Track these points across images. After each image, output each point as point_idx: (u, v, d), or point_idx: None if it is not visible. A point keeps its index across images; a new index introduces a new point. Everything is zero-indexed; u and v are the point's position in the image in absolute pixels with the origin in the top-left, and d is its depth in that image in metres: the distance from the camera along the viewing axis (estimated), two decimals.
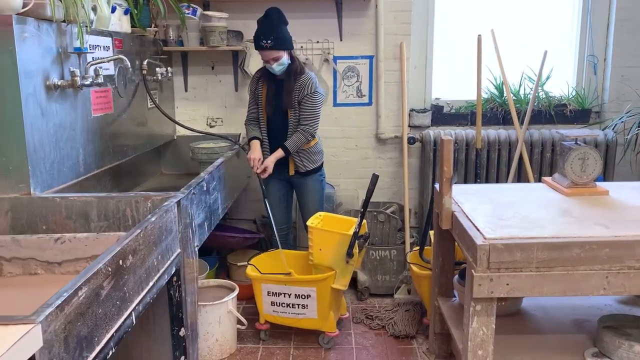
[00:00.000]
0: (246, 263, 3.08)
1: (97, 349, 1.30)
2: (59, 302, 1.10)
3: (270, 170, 3.06)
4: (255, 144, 3.13)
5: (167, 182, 3.45)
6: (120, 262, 1.46)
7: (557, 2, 3.84)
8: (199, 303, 2.57)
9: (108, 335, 1.36)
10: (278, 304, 2.92)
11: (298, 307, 2.90)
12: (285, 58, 2.99)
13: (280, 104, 3.07)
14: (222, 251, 3.80)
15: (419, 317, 3.16)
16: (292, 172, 3.18)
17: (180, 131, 3.79)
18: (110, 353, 1.37)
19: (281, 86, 3.07)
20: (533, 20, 3.83)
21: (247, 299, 3.36)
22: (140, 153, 3.10)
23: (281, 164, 3.11)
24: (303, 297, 2.87)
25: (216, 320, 2.78)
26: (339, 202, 3.81)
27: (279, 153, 3.06)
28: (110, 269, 1.39)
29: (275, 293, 2.91)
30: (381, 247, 3.45)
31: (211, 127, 3.83)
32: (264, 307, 2.96)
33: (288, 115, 3.09)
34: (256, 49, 2.98)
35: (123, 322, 1.46)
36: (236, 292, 2.91)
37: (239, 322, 2.93)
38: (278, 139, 3.12)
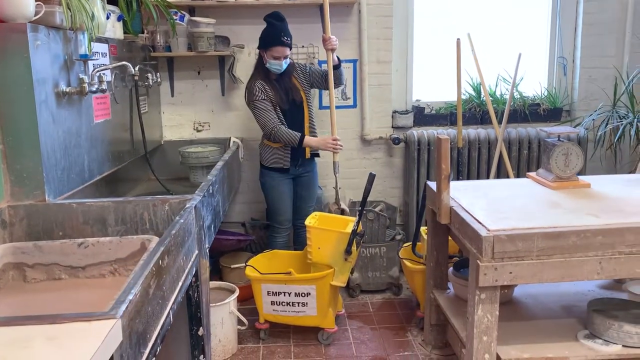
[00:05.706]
0: (243, 264, 3.13)
1: (149, 345, 1.35)
2: (130, 297, 1.14)
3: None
4: (309, 137, 3.28)
5: (157, 187, 3.45)
6: (160, 262, 1.51)
7: (530, 7, 4.05)
8: None
9: (156, 332, 1.41)
10: (278, 303, 2.99)
11: (298, 305, 2.97)
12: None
13: (293, 95, 3.25)
14: (213, 254, 3.82)
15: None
16: (307, 155, 3.34)
17: (167, 136, 3.81)
18: (159, 349, 1.41)
19: (285, 80, 3.25)
20: (508, 24, 4.03)
21: (242, 300, 3.40)
22: (134, 159, 3.11)
23: (293, 158, 3.28)
24: (303, 295, 2.94)
25: (219, 321, 2.82)
26: (326, 203, 3.89)
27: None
28: (154, 269, 1.44)
29: (275, 292, 2.97)
30: (371, 244, 3.56)
31: (199, 131, 3.86)
32: (263, 307, 3.02)
33: (304, 106, 3.28)
34: (273, 45, 3.12)
35: (165, 320, 1.50)
36: (237, 294, 2.96)
37: (239, 322, 2.97)
38: (296, 129, 3.26)
